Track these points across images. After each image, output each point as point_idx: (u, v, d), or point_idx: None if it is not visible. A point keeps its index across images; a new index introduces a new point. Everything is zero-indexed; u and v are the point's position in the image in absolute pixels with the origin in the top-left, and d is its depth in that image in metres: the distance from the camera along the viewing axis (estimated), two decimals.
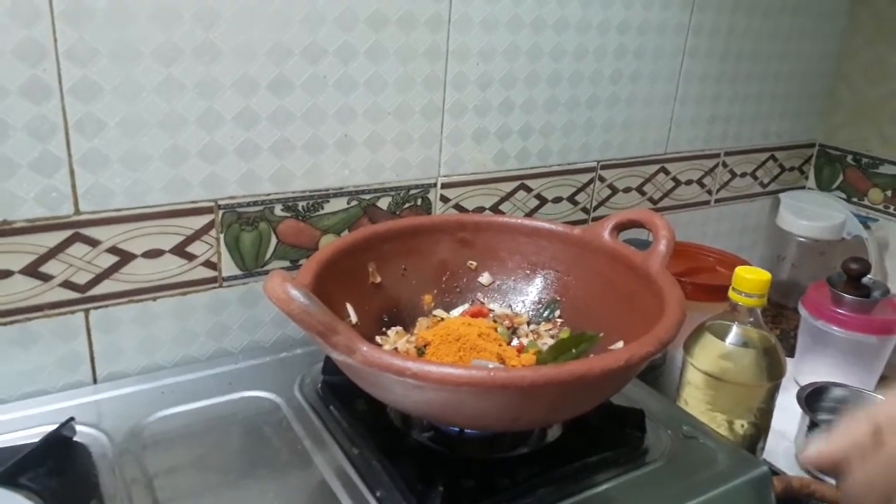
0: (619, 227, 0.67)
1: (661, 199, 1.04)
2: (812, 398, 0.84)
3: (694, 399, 0.73)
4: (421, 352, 0.63)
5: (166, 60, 0.62)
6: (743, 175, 1.15)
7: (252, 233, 0.71)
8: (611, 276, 0.65)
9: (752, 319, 0.72)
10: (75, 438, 0.57)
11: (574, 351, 0.59)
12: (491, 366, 0.56)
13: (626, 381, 0.55)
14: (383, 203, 0.78)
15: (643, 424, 0.61)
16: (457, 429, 0.58)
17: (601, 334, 0.61)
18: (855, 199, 1.16)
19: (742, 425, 0.72)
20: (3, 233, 0.59)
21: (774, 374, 0.71)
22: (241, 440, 0.60)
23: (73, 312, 0.64)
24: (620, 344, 0.59)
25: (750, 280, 0.70)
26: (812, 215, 1.05)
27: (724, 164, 1.11)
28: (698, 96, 1.02)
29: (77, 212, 0.62)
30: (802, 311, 0.96)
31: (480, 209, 0.86)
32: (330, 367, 0.65)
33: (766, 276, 0.70)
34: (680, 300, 0.55)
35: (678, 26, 0.94)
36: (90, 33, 0.58)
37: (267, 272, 0.73)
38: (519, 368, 0.56)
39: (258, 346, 0.75)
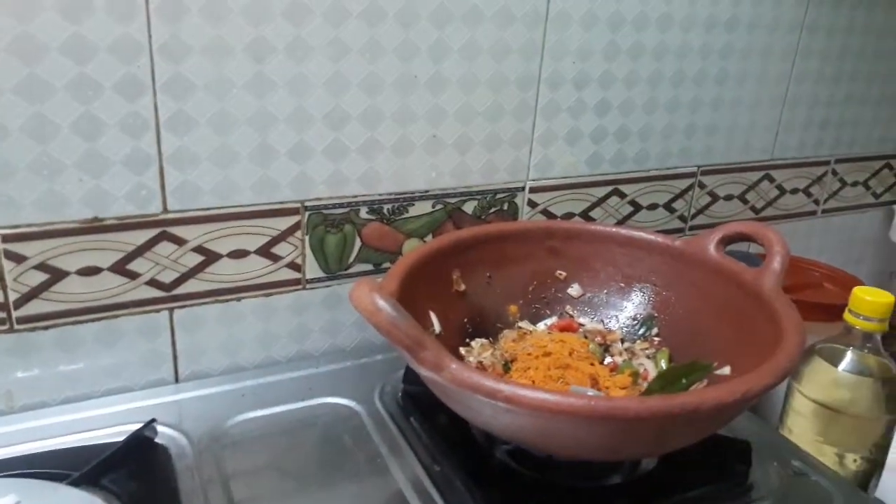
0: (727, 241, 0.62)
1: (763, 207, 0.97)
2: None
3: (800, 428, 0.67)
4: (507, 366, 0.60)
5: (258, 57, 0.60)
6: (854, 184, 1.06)
7: (337, 235, 0.69)
8: (717, 294, 0.60)
9: (869, 345, 0.65)
10: (156, 440, 0.56)
11: (685, 381, 0.54)
12: (591, 393, 0.53)
13: (739, 415, 0.50)
14: (468, 207, 0.75)
15: (749, 457, 0.56)
16: None
17: (715, 364, 0.55)
18: None
19: (854, 460, 0.66)
20: (94, 230, 0.59)
21: (894, 406, 0.65)
22: (318, 447, 0.58)
23: (157, 311, 0.64)
24: (727, 369, 0.55)
25: (870, 302, 0.64)
26: None
27: (835, 172, 1.03)
28: (810, 99, 0.94)
29: (165, 210, 0.61)
30: None
31: (569, 215, 0.82)
32: (411, 376, 0.63)
33: (889, 298, 0.64)
34: (799, 325, 0.50)
35: (791, 23, 0.88)
36: (184, 29, 0.57)
37: (350, 275, 0.71)
38: (623, 398, 0.52)
39: (339, 350, 0.73)
